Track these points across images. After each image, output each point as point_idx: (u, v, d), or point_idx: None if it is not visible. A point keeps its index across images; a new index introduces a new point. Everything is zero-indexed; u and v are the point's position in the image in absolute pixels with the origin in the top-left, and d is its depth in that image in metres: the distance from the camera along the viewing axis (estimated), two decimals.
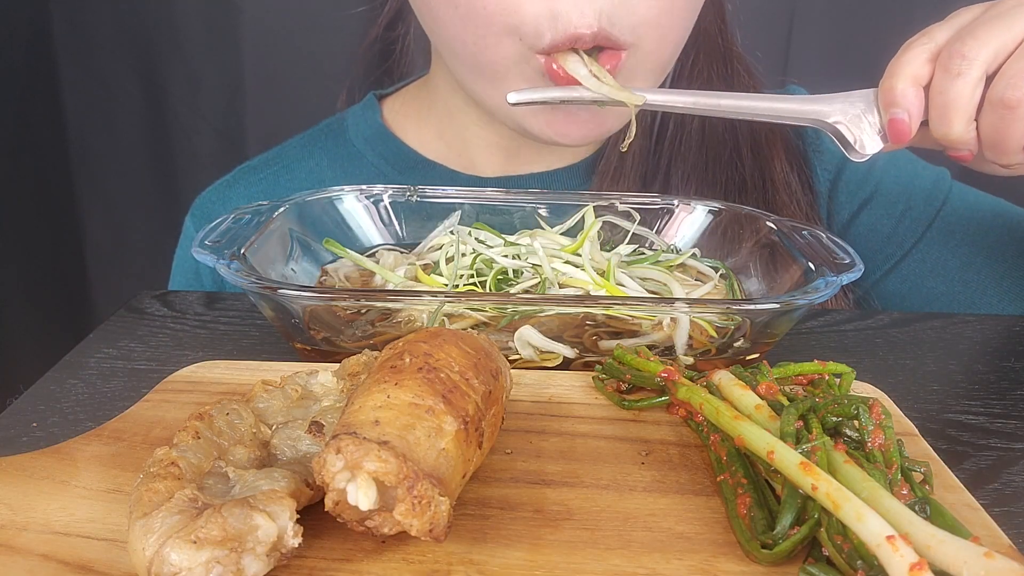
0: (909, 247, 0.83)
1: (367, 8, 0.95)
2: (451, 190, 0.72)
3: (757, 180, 0.82)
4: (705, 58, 0.84)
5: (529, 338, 0.54)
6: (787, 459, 0.36)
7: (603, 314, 0.55)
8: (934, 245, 0.82)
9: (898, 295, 0.84)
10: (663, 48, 0.71)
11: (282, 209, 0.65)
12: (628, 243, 0.69)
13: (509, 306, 0.54)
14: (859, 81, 0.63)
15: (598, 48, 0.66)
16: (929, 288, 0.83)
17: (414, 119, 0.90)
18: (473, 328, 0.55)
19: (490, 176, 0.86)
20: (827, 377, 0.47)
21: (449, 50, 0.74)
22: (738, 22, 0.88)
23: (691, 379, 0.46)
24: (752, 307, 0.53)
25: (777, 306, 0.51)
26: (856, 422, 0.41)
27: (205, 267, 0.86)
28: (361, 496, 0.32)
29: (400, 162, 0.88)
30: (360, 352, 0.45)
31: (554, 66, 0.66)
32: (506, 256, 0.64)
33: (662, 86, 0.84)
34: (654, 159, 0.83)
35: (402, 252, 0.69)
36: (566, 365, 0.54)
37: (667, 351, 0.54)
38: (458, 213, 0.71)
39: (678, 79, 0.84)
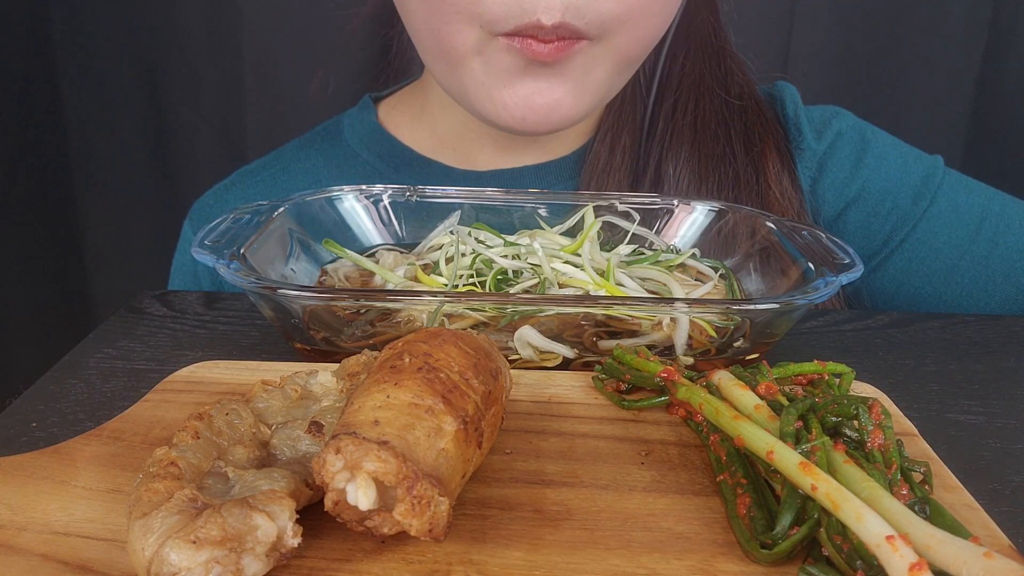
0: (895, 246, 0.83)
1: (357, 9, 0.95)
2: (451, 190, 0.72)
3: (750, 175, 0.81)
4: (696, 57, 0.84)
5: (529, 338, 0.54)
6: (787, 459, 0.36)
7: (603, 314, 0.55)
8: (920, 246, 0.82)
9: (886, 293, 0.84)
10: (632, 44, 0.71)
11: (281, 209, 0.65)
12: (628, 243, 0.69)
13: (509, 306, 0.54)
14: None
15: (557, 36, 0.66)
16: (915, 288, 0.83)
17: (408, 117, 0.91)
18: (473, 328, 0.55)
19: (483, 170, 0.86)
20: (827, 377, 0.47)
21: (416, 38, 0.75)
22: (737, 22, 0.88)
23: (691, 379, 0.46)
24: (752, 307, 0.53)
25: (777, 306, 0.51)
26: (856, 422, 0.41)
27: (204, 272, 0.86)
28: (361, 496, 0.32)
29: (394, 160, 0.88)
30: (360, 352, 0.45)
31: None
32: (506, 256, 0.64)
33: (650, 85, 0.84)
34: (644, 154, 0.83)
35: (402, 252, 0.69)
36: (566, 365, 0.54)
37: (667, 351, 0.54)
38: (458, 213, 0.70)
39: (669, 77, 0.84)
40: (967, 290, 0.81)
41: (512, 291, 0.60)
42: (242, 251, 0.56)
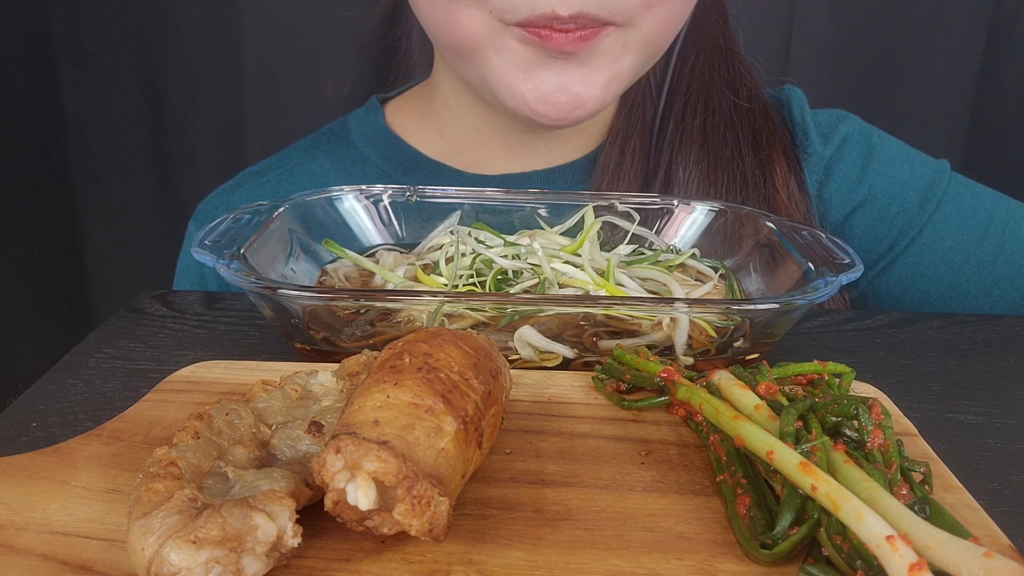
0: (900, 250, 0.83)
1: (368, 9, 0.95)
2: (451, 190, 0.72)
3: (758, 178, 0.81)
4: (706, 58, 0.84)
5: (529, 338, 0.54)
6: (786, 459, 0.36)
7: (603, 314, 0.55)
8: (926, 251, 0.82)
9: (892, 297, 0.84)
10: (659, 29, 0.70)
11: (282, 209, 0.65)
12: (628, 243, 0.69)
13: (509, 306, 0.54)
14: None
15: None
16: (921, 292, 0.83)
17: (416, 120, 0.90)
18: (473, 328, 0.55)
19: (492, 174, 0.86)
20: (827, 377, 0.47)
21: (428, 29, 0.75)
22: (739, 23, 0.88)
23: (691, 379, 0.46)
24: (752, 307, 0.53)
25: (777, 306, 0.51)
26: (856, 422, 0.41)
27: (210, 272, 0.86)
28: (360, 496, 0.32)
29: (403, 162, 0.88)
30: (360, 352, 0.45)
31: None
32: (505, 256, 0.64)
33: (660, 87, 0.84)
34: (655, 157, 0.83)
35: (402, 252, 0.69)
36: (566, 365, 0.54)
37: (667, 351, 0.54)
38: (458, 213, 0.70)
39: (679, 79, 0.84)
40: (972, 295, 0.81)
41: (512, 291, 0.60)
42: (242, 251, 0.56)
